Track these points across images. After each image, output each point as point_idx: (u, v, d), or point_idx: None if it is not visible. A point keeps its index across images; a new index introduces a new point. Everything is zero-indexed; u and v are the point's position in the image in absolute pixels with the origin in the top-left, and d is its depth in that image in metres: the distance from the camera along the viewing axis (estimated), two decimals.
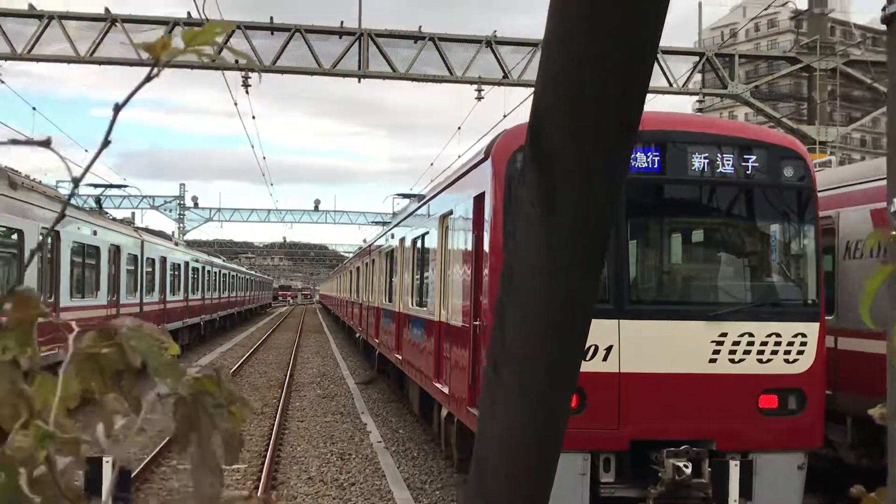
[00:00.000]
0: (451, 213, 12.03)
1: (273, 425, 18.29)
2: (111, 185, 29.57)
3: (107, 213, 29.88)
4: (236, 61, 18.38)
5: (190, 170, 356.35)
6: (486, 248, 9.63)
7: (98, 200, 29.31)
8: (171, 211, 61.07)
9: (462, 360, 10.64)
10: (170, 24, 19.94)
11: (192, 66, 19.46)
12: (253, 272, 78.78)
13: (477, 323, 10.12)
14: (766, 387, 9.04)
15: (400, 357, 17.31)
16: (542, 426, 5.33)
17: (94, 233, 20.62)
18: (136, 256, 25.28)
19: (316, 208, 66.14)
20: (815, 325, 9.22)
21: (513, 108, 20.25)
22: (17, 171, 20.42)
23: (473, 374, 10.11)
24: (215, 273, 45.59)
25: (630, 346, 8.91)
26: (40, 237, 16.34)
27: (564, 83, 3.62)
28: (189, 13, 19.58)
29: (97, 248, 20.84)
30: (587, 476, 8.78)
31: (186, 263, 34.70)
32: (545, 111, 3.88)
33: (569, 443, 9.41)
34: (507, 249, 4.48)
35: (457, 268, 11.36)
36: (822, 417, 9.29)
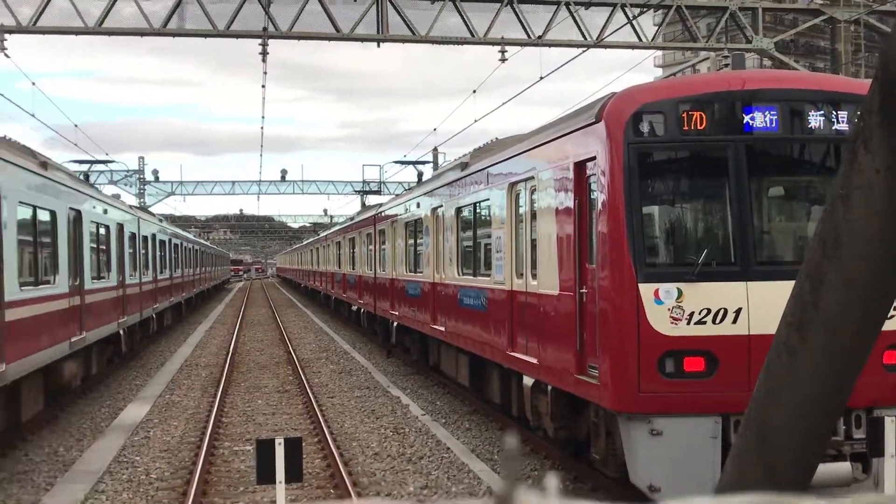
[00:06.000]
0: (530, 179, 11.76)
1: (308, 402, 17.96)
2: (97, 161, 28.66)
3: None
4: (264, 28, 17.87)
5: (124, 141, 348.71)
6: (600, 215, 9.40)
7: (87, 176, 28.41)
8: (130, 186, 59.69)
9: (563, 329, 10.43)
10: None
11: (207, 35, 18.85)
12: (216, 247, 77.74)
13: (583, 291, 9.93)
14: (890, 342, 9.01)
15: (441, 328, 17.06)
16: (844, 385, 5.04)
17: (105, 211, 19.94)
18: (134, 234, 24.62)
19: (283, 178, 65.02)
20: None
21: (548, 72, 19.87)
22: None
23: (582, 342, 9.93)
24: (190, 249, 44.79)
25: (758, 308, 8.81)
26: (68, 217, 15.72)
27: None
28: None
29: (108, 227, 20.17)
30: (719, 439, 8.69)
31: (169, 240, 34.00)
32: None
33: (700, 406, 9.08)
34: (831, 216, 4.25)
35: (545, 236, 11.11)
36: None
